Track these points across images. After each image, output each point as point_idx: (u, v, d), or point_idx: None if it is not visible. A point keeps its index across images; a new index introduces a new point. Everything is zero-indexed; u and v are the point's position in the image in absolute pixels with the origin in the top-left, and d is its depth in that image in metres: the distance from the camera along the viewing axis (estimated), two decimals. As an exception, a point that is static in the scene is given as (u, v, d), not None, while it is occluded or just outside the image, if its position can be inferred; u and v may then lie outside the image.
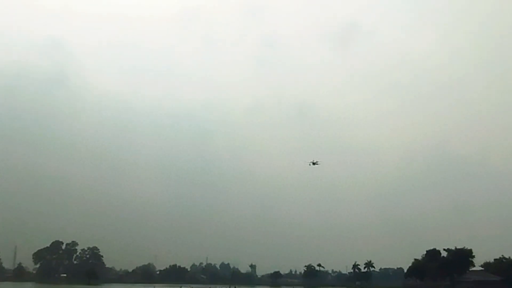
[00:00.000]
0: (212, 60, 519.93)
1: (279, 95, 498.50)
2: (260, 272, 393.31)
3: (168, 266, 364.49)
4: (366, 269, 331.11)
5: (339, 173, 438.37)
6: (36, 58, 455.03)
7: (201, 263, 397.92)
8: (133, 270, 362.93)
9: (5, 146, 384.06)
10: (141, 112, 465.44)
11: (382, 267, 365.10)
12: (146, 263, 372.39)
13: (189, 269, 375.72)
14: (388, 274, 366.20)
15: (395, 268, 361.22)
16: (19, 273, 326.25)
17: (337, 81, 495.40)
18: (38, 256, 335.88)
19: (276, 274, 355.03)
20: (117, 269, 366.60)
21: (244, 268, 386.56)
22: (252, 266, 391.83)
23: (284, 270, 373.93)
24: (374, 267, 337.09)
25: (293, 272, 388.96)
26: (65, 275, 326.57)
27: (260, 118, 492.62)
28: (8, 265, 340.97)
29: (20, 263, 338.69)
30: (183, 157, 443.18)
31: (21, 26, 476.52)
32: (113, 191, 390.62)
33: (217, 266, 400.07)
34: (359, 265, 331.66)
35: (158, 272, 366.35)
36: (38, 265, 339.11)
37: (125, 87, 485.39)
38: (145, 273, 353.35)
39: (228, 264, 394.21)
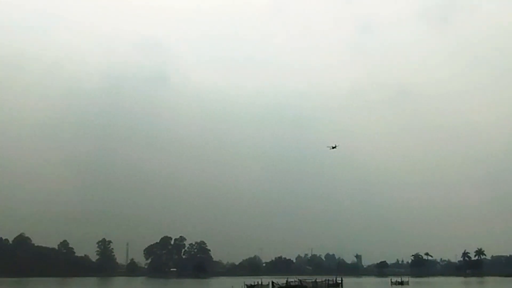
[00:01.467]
0: (309, 47, 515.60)
1: (377, 78, 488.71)
2: (366, 262, 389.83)
3: (273, 258, 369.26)
4: (476, 257, 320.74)
5: (444, 154, 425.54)
6: (137, 57, 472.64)
7: (306, 254, 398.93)
8: (239, 263, 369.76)
9: (114, 145, 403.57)
10: (240, 104, 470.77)
11: (494, 255, 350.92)
12: (252, 256, 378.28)
13: (294, 261, 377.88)
14: (500, 262, 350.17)
15: (508, 255, 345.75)
16: (131, 268, 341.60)
17: (436, 60, 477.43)
18: (149, 251, 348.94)
19: (382, 264, 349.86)
20: (224, 262, 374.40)
21: (349, 259, 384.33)
22: (358, 256, 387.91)
23: (390, 260, 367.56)
24: (485, 254, 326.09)
25: (399, 262, 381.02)
26: (175, 269, 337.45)
27: (359, 102, 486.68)
28: (121, 260, 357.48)
29: (132, 259, 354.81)
30: (285, 147, 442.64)
31: (121, 27, 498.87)
32: (218, 186, 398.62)
33: (322, 257, 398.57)
34: (469, 253, 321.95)
35: (264, 264, 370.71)
36: (149, 260, 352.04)
37: (224, 80, 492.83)
38: (252, 265, 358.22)
39: (333, 254, 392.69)
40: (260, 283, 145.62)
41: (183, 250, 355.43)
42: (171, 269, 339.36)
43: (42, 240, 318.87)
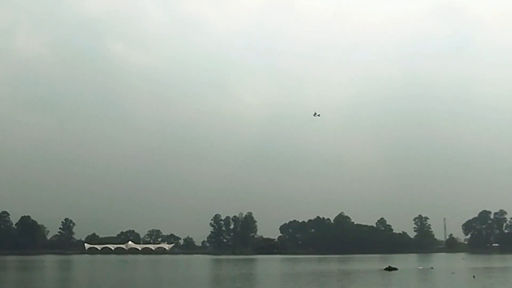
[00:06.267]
0: None
1: None
2: None
3: None
4: None
5: None
6: (434, 24, 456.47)
7: None
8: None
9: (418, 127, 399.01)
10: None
11: None
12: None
13: None
14: None
15: None
16: (450, 244, 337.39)
17: None
18: (467, 226, 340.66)
19: None
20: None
21: None
22: None
23: None
24: None
25: None
26: (497, 244, 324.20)
27: None
28: (439, 236, 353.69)
29: (451, 234, 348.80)
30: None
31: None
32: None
33: None
34: None
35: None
36: (468, 236, 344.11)
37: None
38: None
39: None
40: None
41: (504, 224, 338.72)
42: (493, 245, 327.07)
43: (360, 218, 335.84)
